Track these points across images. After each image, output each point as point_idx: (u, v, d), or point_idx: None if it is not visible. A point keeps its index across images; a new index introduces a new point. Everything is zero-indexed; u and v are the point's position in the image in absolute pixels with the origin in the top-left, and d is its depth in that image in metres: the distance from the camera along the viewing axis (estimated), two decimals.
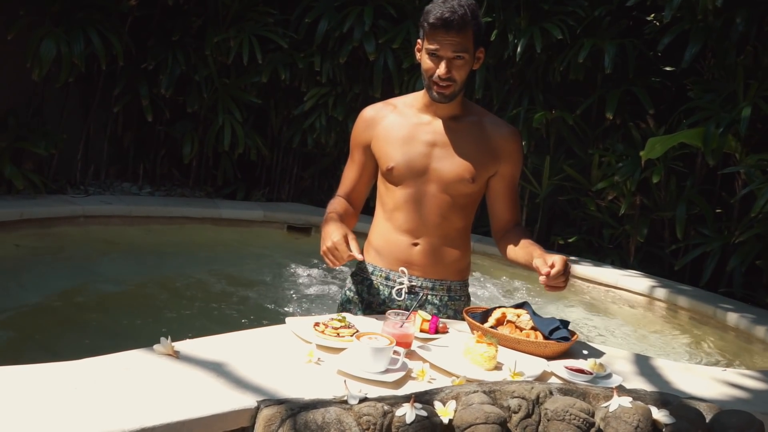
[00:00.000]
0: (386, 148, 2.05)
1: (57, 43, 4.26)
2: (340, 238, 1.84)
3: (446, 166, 2.02)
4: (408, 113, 2.08)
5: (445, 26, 1.89)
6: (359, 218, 2.18)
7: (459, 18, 1.89)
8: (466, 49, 1.93)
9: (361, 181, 2.15)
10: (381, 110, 2.11)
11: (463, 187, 2.04)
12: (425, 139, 2.04)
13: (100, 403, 1.29)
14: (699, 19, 4.11)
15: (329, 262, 1.87)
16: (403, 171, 2.03)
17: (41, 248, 3.82)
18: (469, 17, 1.91)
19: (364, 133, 2.11)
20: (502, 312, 1.90)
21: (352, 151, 2.15)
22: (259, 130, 5.26)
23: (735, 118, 3.77)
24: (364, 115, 2.13)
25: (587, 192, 4.65)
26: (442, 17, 1.89)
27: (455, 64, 1.93)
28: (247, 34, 4.86)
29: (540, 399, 1.43)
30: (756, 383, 1.86)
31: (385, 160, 2.06)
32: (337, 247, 1.84)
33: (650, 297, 3.80)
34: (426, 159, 2.03)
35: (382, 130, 2.07)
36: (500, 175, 2.08)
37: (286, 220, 4.65)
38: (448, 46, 1.91)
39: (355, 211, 2.15)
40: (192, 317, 3.19)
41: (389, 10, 4.83)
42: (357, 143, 2.13)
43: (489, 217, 2.16)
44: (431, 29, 1.92)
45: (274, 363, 1.58)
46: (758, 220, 3.72)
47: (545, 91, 4.82)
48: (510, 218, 2.13)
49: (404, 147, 2.03)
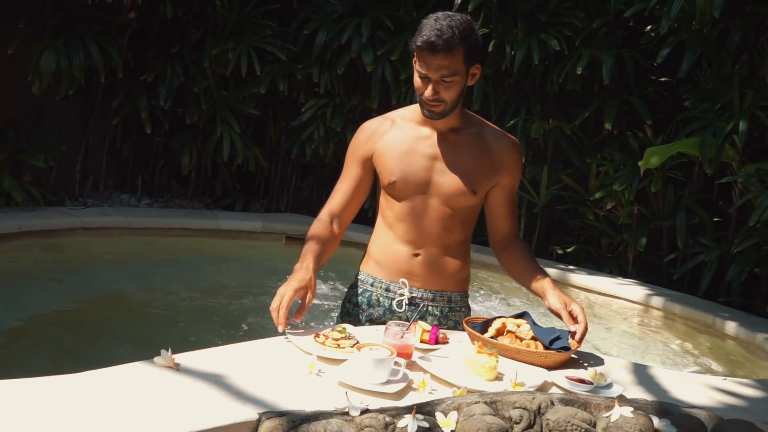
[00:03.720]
0: (387, 163, 2.04)
1: (57, 56, 4.27)
2: (285, 309, 1.75)
3: (447, 179, 2.02)
4: (407, 127, 2.07)
5: (431, 50, 1.85)
6: (358, 222, 2.15)
7: (444, 42, 1.84)
8: (454, 72, 1.89)
9: (355, 196, 2.10)
10: (381, 125, 2.10)
11: (464, 200, 2.04)
12: (426, 153, 2.03)
13: (101, 417, 1.29)
14: (695, 29, 4.14)
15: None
16: (405, 185, 2.03)
17: (40, 260, 3.82)
18: (456, 39, 1.85)
19: (365, 146, 2.08)
20: (502, 322, 1.90)
21: (348, 165, 2.11)
22: (257, 141, 5.27)
23: (733, 129, 3.79)
24: (365, 128, 2.12)
25: (585, 201, 4.67)
26: (428, 41, 1.85)
27: (443, 86, 1.91)
28: (246, 46, 4.88)
29: (541, 409, 1.43)
30: (756, 392, 1.87)
31: (386, 174, 2.05)
32: (277, 313, 1.76)
33: (649, 306, 3.80)
34: (427, 173, 2.03)
35: (383, 144, 2.06)
36: (500, 186, 2.08)
37: (285, 231, 4.65)
38: (434, 70, 1.88)
39: (340, 231, 2.07)
40: (192, 329, 3.18)
41: (387, 22, 4.86)
42: (355, 156, 2.10)
43: (487, 228, 2.16)
44: (419, 50, 1.89)
45: (275, 375, 1.57)
46: (756, 229, 3.73)
47: (543, 101, 4.84)
48: (509, 229, 2.13)
49: (405, 161, 2.03)
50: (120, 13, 4.68)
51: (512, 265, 2.11)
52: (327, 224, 2.05)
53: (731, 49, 4.09)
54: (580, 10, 4.61)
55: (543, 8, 4.63)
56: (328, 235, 2.02)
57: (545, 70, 4.72)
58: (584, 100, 4.75)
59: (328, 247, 2.01)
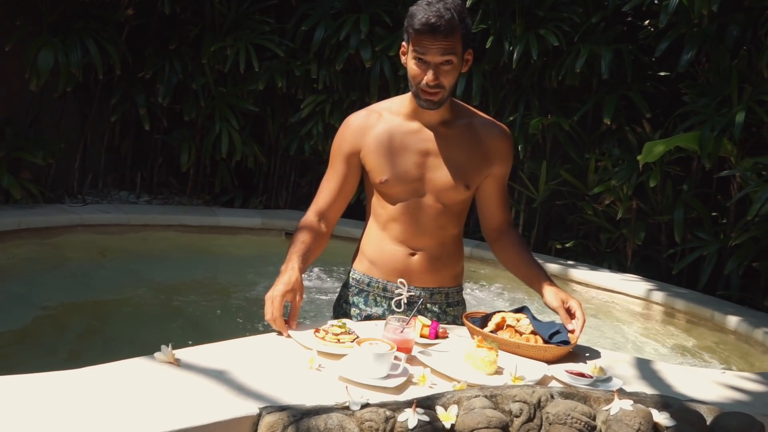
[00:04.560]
0: (378, 161, 1.98)
1: (54, 53, 4.26)
2: (278, 312, 1.77)
3: (441, 175, 1.98)
4: (395, 121, 1.99)
5: (432, 31, 1.80)
6: (348, 218, 2.13)
7: (446, 23, 1.80)
8: (454, 52, 1.84)
9: (341, 194, 2.03)
10: (367, 118, 2.01)
11: (457, 195, 2.01)
12: (417, 149, 1.98)
13: (102, 412, 1.29)
14: (694, 23, 4.14)
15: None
16: (397, 183, 1.98)
17: (39, 257, 3.82)
18: (456, 20, 1.82)
19: (352, 142, 2.00)
20: (502, 317, 1.90)
21: (333, 161, 2.04)
22: (256, 138, 5.26)
23: (730, 122, 3.79)
24: (350, 123, 2.04)
25: (584, 196, 4.67)
26: (428, 22, 1.80)
27: (443, 70, 1.85)
28: (244, 43, 4.87)
29: (541, 403, 1.44)
30: (755, 385, 1.87)
31: (377, 173, 1.98)
32: (273, 322, 1.78)
33: (648, 300, 3.81)
34: (420, 170, 1.98)
35: (371, 140, 1.99)
36: (492, 176, 2.05)
37: (284, 227, 4.65)
38: (435, 51, 1.82)
39: (328, 229, 2.03)
40: (192, 325, 3.19)
41: (385, 18, 4.85)
42: (341, 152, 2.02)
43: (480, 218, 2.13)
44: (417, 35, 1.82)
45: (276, 370, 1.58)
46: (754, 223, 3.73)
47: (541, 97, 4.84)
48: (503, 218, 2.11)
49: (397, 158, 1.97)
50: (118, 9, 4.68)
51: (506, 255, 2.09)
52: (314, 223, 2.00)
53: (729, 43, 4.09)
54: (579, 5, 4.61)
55: (541, 4, 4.63)
56: (315, 235, 1.97)
57: (544, 66, 4.72)
58: (583, 95, 4.75)
59: (315, 247, 1.96)
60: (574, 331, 1.85)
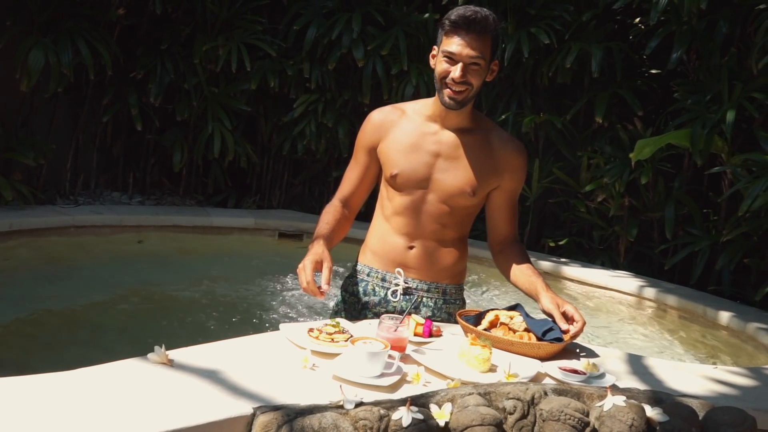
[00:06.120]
0: (392, 155, 2.06)
1: (45, 53, 4.24)
2: (310, 277, 1.84)
3: (448, 178, 2.04)
4: (416, 120, 2.07)
5: (467, 25, 1.89)
6: (357, 222, 2.18)
7: (482, 19, 1.90)
8: (483, 54, 1.93)
9: (363, 183, 2.14)
10: (390, 114, 2.11)
11: (463, 200, 2.06)
12: (430, 149, 2.05)
13: (95, 413, 1.29)
14: (684, 21, 4.16)
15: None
16: (406, 178, 2.04)
17: (31, 259, 3.80)
18: (491, 23, 1.92)
19: (373, 135, 2.10)
20: (495, 314, 1.91)
21: (356, 153, 2.15)
22: (249, 138, 5.26)
23: (720, 119, 3.81)
24: (373, 117, 2.12)
25: (577, 194, 4.69)
26: (465, 15, 1.89)
27: (471, 69, 1.93)
28: (236, 42, 4.87)
29: (535, 400, 1.44)
30: (746, 380, 1.89)
31: (389, 166, 2.06)
32: (308, 287, 1.84)
33: (640, 297, 3.83)
34: (429, 169, 2.04)
35: (390, 135, 2.08)
36: (502, 189, 2.10)
37: (278, 227, 4.65)
38: (466, 47, 1.90)
39: (351, 214, 2.14)
40: (185, 325, 3.18)
41: (377, 17, 4.85)
42: (363, 145, 2.12)
43: (487, 229, 2.18)
44: (452, 27, 1.91)
45: (269, 369, 1.58)
46: (745, 219, 3.76)
47: (533, 95, 4.85)
48: (508, 232, 2.15)
49: (409, 155, 2.04)
50: (109, 9, 4.66)
51: (507, 267, 2.13)
52: (338, 207, 2.11)
53: (719, 41, 4.11)
54: (570, 3, 4.63)
55: (532, 2, 4.64)
56: (339, 217, 2.08)
57: (535, 64, 4.73)
58: (574, 93, 4.77)
59: (338, 228, 2.07)
60: (568, 330, 1.86)
